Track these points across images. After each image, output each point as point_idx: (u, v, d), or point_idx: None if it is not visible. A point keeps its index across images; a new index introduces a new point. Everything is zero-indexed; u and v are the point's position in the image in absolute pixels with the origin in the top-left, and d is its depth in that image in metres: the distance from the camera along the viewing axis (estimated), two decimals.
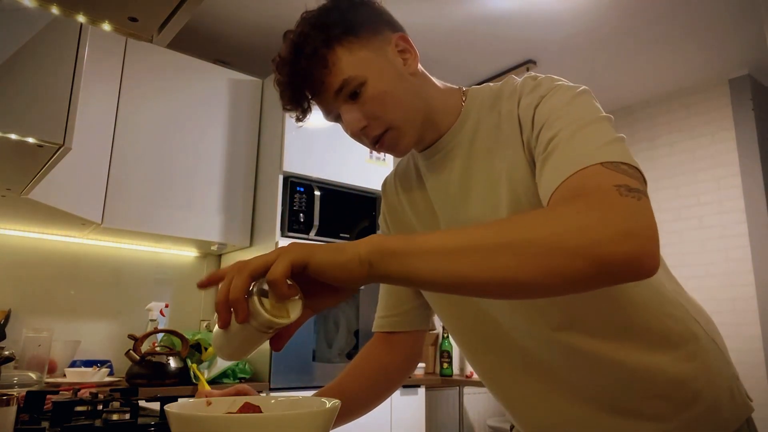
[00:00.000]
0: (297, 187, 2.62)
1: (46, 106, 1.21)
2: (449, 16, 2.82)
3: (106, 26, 0.86)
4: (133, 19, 0.84)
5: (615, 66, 3.33)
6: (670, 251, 3.48)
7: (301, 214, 2.60)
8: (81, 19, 0.84)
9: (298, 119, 0.84)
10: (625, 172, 0.59)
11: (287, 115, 0.87)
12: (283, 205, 2.58)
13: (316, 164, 2.70)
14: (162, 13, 0.83)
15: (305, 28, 0.79)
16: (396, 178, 0.98)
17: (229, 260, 2.93)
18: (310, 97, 0.81)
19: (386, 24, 0.84)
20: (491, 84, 0.87)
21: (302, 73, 0.78)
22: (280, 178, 2.60)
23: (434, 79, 0.87)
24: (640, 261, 0.52)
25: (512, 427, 1.00)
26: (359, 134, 0.81)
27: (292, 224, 2.57)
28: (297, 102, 0.81)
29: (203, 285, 0.57)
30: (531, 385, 0.84)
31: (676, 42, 3.06)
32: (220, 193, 2.66)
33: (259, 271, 0.54)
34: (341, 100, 0.79)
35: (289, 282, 0.55)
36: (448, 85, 0.88)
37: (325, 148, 2.74)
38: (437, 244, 0.55)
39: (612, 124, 0.69)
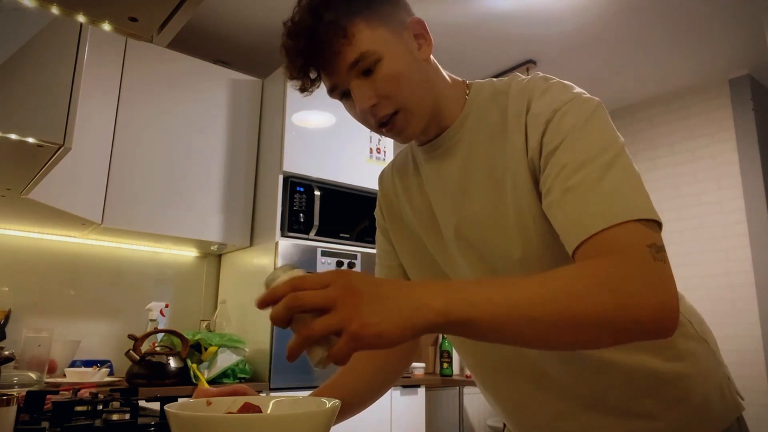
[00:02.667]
0: (297, 187, 2.62)
1: (46, 106, 1.21)
2: (449, 15, 2.82)
3: (106, 26, 0.86)
4: (133, 19, 0.84)
5: (615, 66, 3.33)
6: (670, 251, 3.45)
7: (301, 214, 2.60)
8: (81, 19, 0.84)
9: (303, 89, 0.80)
10: (653, 228, 0.65)
11: (289, 84, 0.84)
12: (283, 205, 2.58)
13: (316, 164, 2.70)
14: (162, 13, 0.83)
15: None
16: (393, 170, 0.99)
17: (229, 260, 2.93)
18: (319, 67, 0.78)
19: (404, 6, 0.83)
20: (495, 79, 0.86)
21: (318, 41, 0.74)
22: (280, 178, 2.60)
23: (442, 70, 0.86)
24: (668, 330, 0.60)
25: (504, 426, 1.01)
26: (368, 112, 0.78)
27: (292, 224, 2.57)
28: (305, 71, 0.77)
29: (262, 305, 0.58)
30: (521, 384, 0.85)
31: (676, 42, 3.06)
32: (220, 193, 2.66)
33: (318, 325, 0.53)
34: (353, 75, 0.76)
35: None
36: (454, 77, 0.88)
37: (325, 148, 2.74)
38: (502, 312, 0.56)
39: (624, 146, 0.71)
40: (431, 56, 0.84)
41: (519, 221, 0.75)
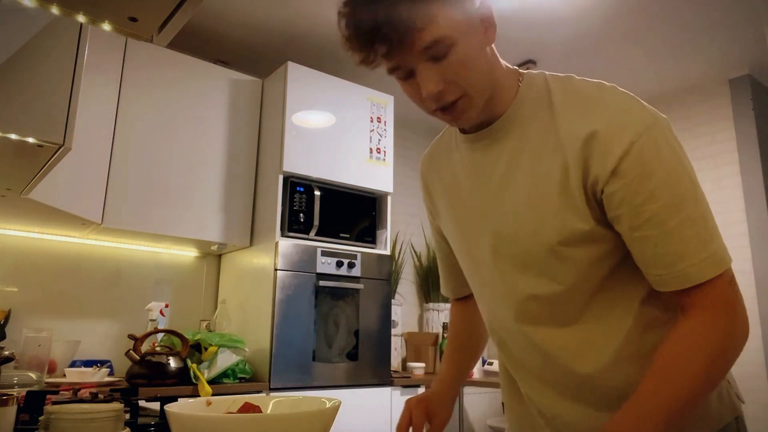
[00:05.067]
0: (297, 187, 2.62)
1: (46, 106, 1.20)
2: None
3: (106, 26, 0.86)
4: (133, 19, 0.84)
5: (615, 66, 3.33)
6: None
7: (301, 214, 2.60)
8: (81, 19, 0.84)
9: (367, 63, 0.76)
10: (733, 274, 0.75)
11: (351, 54, 0.77)
12: (283, 205, 2.58)
13: (316, 164, 2.70)
14: (162, 13, 0.83)
15: None
16: (433, 156, 1.02)
17: (229, 260, 2.93)
18: (390, 44, 0.73)
19: None
20: (548, 73, 0.85)
21: (396, 18, 0.70)
22: (280, 178, 2.60)
23: (499, 57, 0.85)
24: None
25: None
26: (433, 97, 0.76)
27: (292, 224, 2.57)
28: (372, 47, 0.73)
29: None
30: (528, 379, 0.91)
31: (676, 42, 3.06)
32: (220, 193, 2.66)
33: None
34: (424, 58, 0.74)
35: None
36: (508, 65, 0.87)
37: (325, 148, 2.74)
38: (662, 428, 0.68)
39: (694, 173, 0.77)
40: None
41: (559, 223, 0.78)
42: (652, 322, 0.80)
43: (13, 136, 1.16)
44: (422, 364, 3.17)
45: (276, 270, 2.47)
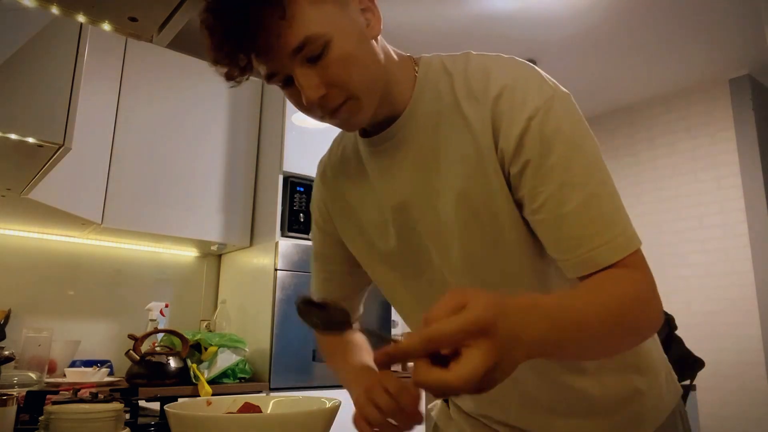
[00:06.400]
0: (297, 187, 2.62)
1: (46, 106, 1.21)
2: (449, 16, 2.81)
3: (106, 26, 0.86)
4: (133, 19, 0.84)
5: (615, 66, 3.33)
6: (670, 251, 3.47)
7: (301, 214, 2.60)
8: (81, 19, 0.84)
9: (230, 78, 0.68)
10: (643, 257, 0.69)
11: (213, 70, 0.71)
12: (283, 205, 2.58)
13: (316, 164, 2.69)
14: (162, 13, 0.83)
15: None
16: (332, 163, 0.92)
17: (229, 260, 2.93)
18: (252, 53, 0.65)
19: None
20: (444, 55, 0.78)
21: (251, 22, 0.62)
22: (280, 178, 2.60)
23: (389, 47, 0.77)
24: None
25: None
26: (316, 103, 0.67)
27: (292, 224, 2.57)
28: (234, 57, 0.65)
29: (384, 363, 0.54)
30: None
31: (676, 42, 3.06)
32: (220, 193, 2.66)
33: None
34: (297, 62, 0.65)
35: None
36: (400, 52, 0.78)
37: (325, 148, 2.73)
38: (573, 336, 0.59)
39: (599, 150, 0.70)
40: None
41: (503, 207, 0.71)
42: None
43: (13, 136, 1.16)
44: None
45: (276, 270, 2.47)
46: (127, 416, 1.00)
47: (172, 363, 2.17)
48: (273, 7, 0.62)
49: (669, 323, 0.95)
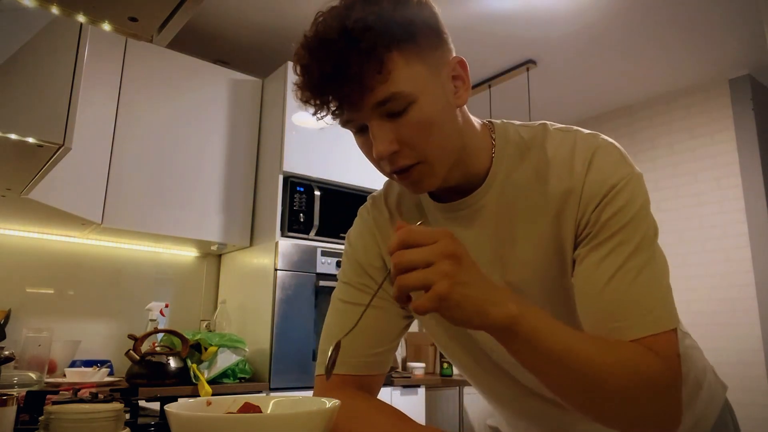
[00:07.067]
0: (297, 187, 2.62)
1: (46, 106, 1.21)
2: (449, 15, 2.80)
3: (106, 26, 0.86)
4: (133, 19, 0.84)
5: (615, 66, 3.33)
6: (670, 251, 3.45)
7: (301, 214, 2.60)
8: (81, 19, 0.84)
9: (317, 117, 0.69)
10: (677, 336, 0.67)
11: (299, 105, 0.69)
12: (283, 205, 2.58)
13: (316, 164, 2.70)
14: (162, 13, 0.83)
15: (366, 15, 0.63)
16: (393, 210, 0.85)
17: (229, 260, 2.93)
18: (343, 99, 0.65)
19: (446, 39, 0.72)
20: (518, 124, 0.79)
21: (349, 71, 0.62)
22: (280, 178, 2.60)
23: (471, 116, 0.77)
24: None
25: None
26: (385, 158, 0.67)
27: (292, 224, 2.57)
28: (326, 101, 0.66)
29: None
30: (513, 391, 0.86)
31: (676, 42, 3.06)
32: (220, 193, 2.66)
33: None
34: (377, 114, 0.66)
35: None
36: (479, 120, 0.78)
37: (325, 148, 2.74)
38: (556, 349, 0.61)
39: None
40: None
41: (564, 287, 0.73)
42: None
43: (13, 136, 1.16)
44: (422, 364, 3.17)
45: (276, 270, 2.47)
46: (127, 416, 1.00)
47: (172, 363, 2.17)
48: (372, 61, 0.62)
49: None
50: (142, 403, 1.19)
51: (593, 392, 0.62)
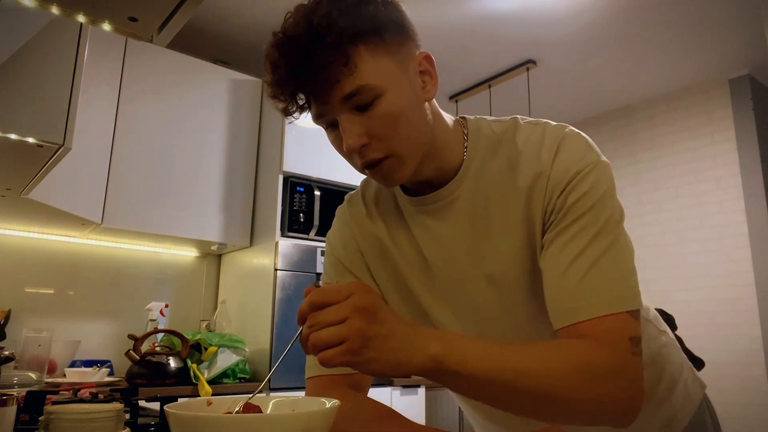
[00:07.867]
0: (297, 187, 2.62)
1: (46, 106, 1.21)
2: (449, 15, 2.82)
3: (106, 26, 0.86)
4: (133, 19, 0.84)
5: (615, 66, 3.33)
6: (670, 251, 3.47)
7: (301, 214, 2.60)
8: (81, 19, 0.84)
9: (286, 113, 0.70)
10: (636, 317, 0.66)
11: (269, 102, 0.72)
12: (283, 205, 2.58)
13: (316, 164, 2.70)
14: (162, 13, 0.83)
15: (332, 10, 0.65)
16: (370, 206, 0.87)
17: (229, 260, 2.93)
18: (310, 93, 0.68)
19: (413, 36, 0.73)
20: (490, 120, 0.80)
21: (315, 65, 0.64)
22: (280, 178, 2.60)
23: (441, 111, 0.78)
24: (629, 422, 0.64)
25: None
26: (355, 151, 0.69)
27: (292, 224, 2.57)
28: (294, 95, 0.67)
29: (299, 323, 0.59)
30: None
31: (676, 42, 3.06)
32: (220, 193, 2.66)
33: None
34: (346, 107, 0.67)
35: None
36: (451, 117, 0.80)
37: (325, 148, 2.73)
38: (489, 374, 0.61)
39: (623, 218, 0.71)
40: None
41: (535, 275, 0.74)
42: None
43: (13, 136, 1.16)
44: None
45: (276, 270, 2.47)
46: (127, 416, 1.00)
47: (172, 363, 2.17)
48: (338, 53, 0.64)
49: (669, 323, 0.95)
50: (142, 403, 1.19)
51: (543, 402, 0.62)
